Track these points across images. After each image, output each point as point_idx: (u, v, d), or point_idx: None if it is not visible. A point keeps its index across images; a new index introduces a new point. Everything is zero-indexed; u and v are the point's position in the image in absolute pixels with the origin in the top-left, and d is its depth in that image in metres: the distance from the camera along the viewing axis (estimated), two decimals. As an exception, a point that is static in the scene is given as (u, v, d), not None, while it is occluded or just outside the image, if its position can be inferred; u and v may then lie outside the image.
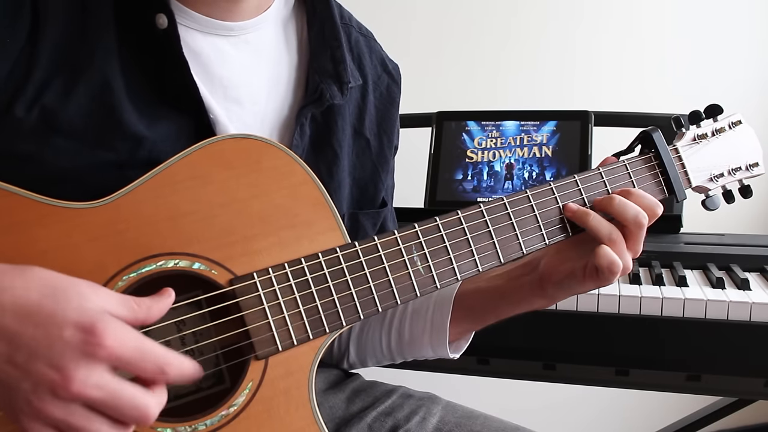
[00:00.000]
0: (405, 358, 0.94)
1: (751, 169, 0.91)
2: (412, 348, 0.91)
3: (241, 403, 0.66)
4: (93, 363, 0.52)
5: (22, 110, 0.66)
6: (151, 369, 0.55)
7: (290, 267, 0.68)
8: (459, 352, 0.91)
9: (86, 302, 0.54)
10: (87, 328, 0.52)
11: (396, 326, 0.91)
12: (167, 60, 0.73)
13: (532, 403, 1.94)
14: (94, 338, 0.52)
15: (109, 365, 0.53)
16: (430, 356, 0.91)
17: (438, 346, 0.88)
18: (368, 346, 0.94)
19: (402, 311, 0.90)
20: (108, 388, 0.53)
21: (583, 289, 0.81)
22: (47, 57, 0.68)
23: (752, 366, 1.07)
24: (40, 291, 0.53)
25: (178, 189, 0.67)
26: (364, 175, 0.91)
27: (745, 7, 1.96)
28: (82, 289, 0.55)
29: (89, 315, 0.53)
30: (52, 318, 0.52)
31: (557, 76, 2.00)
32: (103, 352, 0.52)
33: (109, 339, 0.52)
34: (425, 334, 0.88)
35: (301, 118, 0.81)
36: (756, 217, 1.97)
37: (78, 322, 0.52)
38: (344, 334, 0.96)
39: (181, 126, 0.73)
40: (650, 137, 0.86)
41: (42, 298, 0.53)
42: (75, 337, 0.52)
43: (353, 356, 0.97)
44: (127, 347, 0.53)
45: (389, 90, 0.95)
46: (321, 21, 0.85)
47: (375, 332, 0.93)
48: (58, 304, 0.53)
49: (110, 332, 0.52)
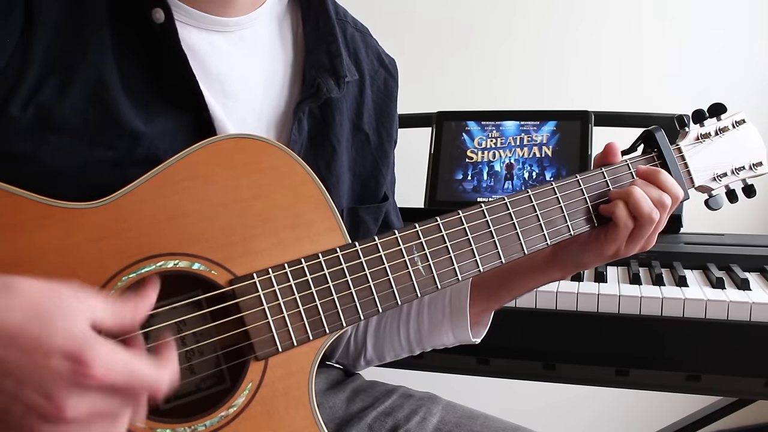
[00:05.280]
0: (424, 348, 0.94)
1: (755, 168, 0.91)
2: (432, 336, 0.91)
3: (240, 403, 0.66)
4: (84, 391, 0.51)
5: (18, 109, 0.66)
6: (141, 391, 0.54)
7: (290, 267, 0.68)
8: (479, 337, 0.91)
9: (71, 323, 0.51)
10: (74, 356, 0.50)
11: (414, 316, 0.91)
12: (165, 55, 0.72)
13: (532, 403, 1.94)
14: (83, 368, 0.50)
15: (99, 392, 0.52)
16: (451, 343, 0.91)
17: (459, 329, 0.89)
18: (386, 340, 0.94)
19: (418, 301, 0.91)
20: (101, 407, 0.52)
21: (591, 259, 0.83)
22: (41, 54, 0.67)
23: (752, 366, 1.07)
24: (23, 312, 0.51)
25: (178, 189, 0.66)
26: (365, 170, 0.91)
27: (745, 7, 1.96)
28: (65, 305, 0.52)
29: (76, 341, 0.50)
30: (38, 344, 0.50)
31: (557, 76, 2.00)
32: (92, 382, 0.50)
33: (98, 368, 0.50)
34: (445, 319, 0.89)
35: (299, 113, 0.80)
36: (756, 217, 1.97)
37: (64, 350, 0.50)
38: (360, 330, 0.96)
39: (179, 121, 0.73)
40: (653, 136, 0.86)
41: (25, 320, 0.50)
42: (63, 366, 0.50)
43: (371, 352, 0.96)
44: (117, 374, 0.51)
45: (386, 84, 0.95)
46: (316, 16, 0.85)
47: (393, 325, 0.93)
48: (42, 327, 0.50)
49: (99, 360, 0.50)
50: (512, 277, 0.87)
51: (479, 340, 0.91)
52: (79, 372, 0.50)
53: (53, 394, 0.50)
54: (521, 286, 0.88)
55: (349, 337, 0.96)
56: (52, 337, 0.50)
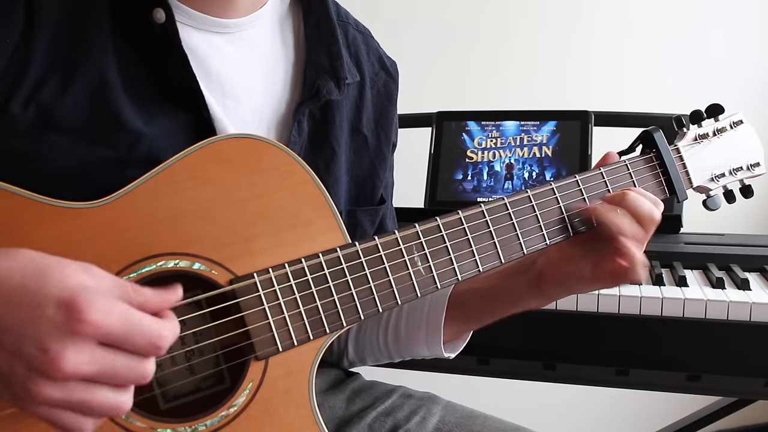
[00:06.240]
0: (402, 357, 0.94)
1: (752, 169, 0.91)
2: (408, 346, 0.90)
3: (241, 403, 0.66)
4: (79, 339, 0.50)
5: (19, 108, 0.66)
6: (142, 343, 0.52)
7: (290, 267, 0.68)
8: (455, 352, 0.90)
9: (69, 278, 0.51)
10: (68, 303, 0.49)
11: (393, 324, 0.91)
12: (165, 55, 0.72)
13: (532, 403, 1.94)
14: (76, 314, 0.49)
15: (96, 341, 0.51)
16: (426, 355, 0.90)
17: (433, 345, 0.88)
18: (366, 345, 0.94)
19: (399, 310, 0.90)
20: (101, 362, 0.51)
21: (588, 290, 0.80)
22: (42, 53, 0.67)
23: (752, 366, 1.07)
24: (23, 271, 0.51)
25: (178, 189, 0.66)
26: (362, 172, 0.91)
27: (744, 7, 1.96)
28: (68, 267, 0.52)
29: (70, 289, 0.50)
30: (34, 297, 0.50)
31: (557, 76, 2.00)
32: (87, 328, 0.49)
33: (93, 313, 0.49)
34: (421, 332, 0.88)
35: (299, 114, 0.81)
36: (756, 217, 1.97)
37: (59, 298, 0.50)
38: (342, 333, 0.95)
39: (180, 122, 0.73)
40: (651, 137, 0.86)
41: (24, 278, 0.51)
42: (58, 314, 0.49)
43: (352, 354, 0.97)
44: (113, 321, 0.51)
45: (387, 87, 0.94)
46: (317, 18, 0.86)
47: (372, 330, 0.93)
48: (41, 282, 0.50)
49: (93, 306, 0.50)
50: (493, 304, 0.84)
51: (453, 356, 0.89)
52: (73, 317, 0.49)
53: (49, 346, 0.49)
54: (501, 312, 0.85)
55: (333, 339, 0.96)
56: (47, 288, 0.50)
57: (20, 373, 0.50)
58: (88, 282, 0.52)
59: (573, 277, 0.78)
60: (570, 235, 0.80)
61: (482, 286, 0.85)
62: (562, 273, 0.79)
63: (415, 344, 0.89)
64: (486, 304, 0.85)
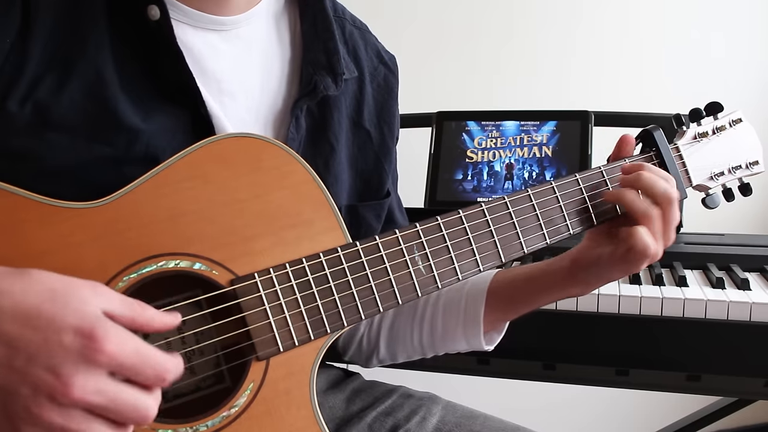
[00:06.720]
0: (437, 352, 0.94)
1: (751, 167, 0.91)
2: (445, 341, 0.90)
3: (242, 403, 0.66)
4: (92, 368, 0.52)
5: (15, 105, 0.66)
6: (150, 375, 0.54)
7: (291, 267, 0.68)
8: (493, 344, 0.90)
9: (86, 306, 0.53)
10: (86, 333, 0.51)
11: (428, 320, 0.90)
12: (161, 52, 0.72)
13: (532, 403, 1.94)
14: (93, 343, 0.51)
15: (108, 371, 0.53)
16: (464, 349, 0.91)
17: (472, 337, 0.88)
18: (399, 342, 0.94)
19: (434, 305, 0.90)
20: (108, 394, 0.52)
21: (612, 276, 0.80)
22: (39, 51, 0.67)
23: (752, 366, 1.07)
24: (39, 295, 0.53)
25: (178, 189, 0.66)
26: (368, 167, 0.91)
27: (744, 8, 1.96)
28: (82, 292, 0.54)
29: (89, 320, 0.52)
30: (52, 322, 0.52)
31: (557, 76, 2.00)
32: (102, 358, 0.52)
33: (109, 344, 0.52)
34: (459, 326, 0.88)
35: (296, 110, 0.81)
36: (756, 217, 1.97)
37: (77, 327, 0.52)
38: (374, 329, 0.95)
39: (177, 119, 0.73)
40: (651, 135, 0.86)
41: (42, 302, 0.52)
42: (75, 342, 0.51)
43: (383, 352, 0.95)
44: (127, 353, 0.53)
45: (386, 81, 0.95)
46: (313, 14, 0.86)
47: (406, 327, 0.92)
48: (57, 308, 0.52)
49: (110, 338, 0.52)
50: (531, 291, 0.86)
51: (492, 347, 0.90)
52: (90, 347, 0.51)
53: (61, 370, 0.51)
54: (539, 300, 0.86)
55: (362, 335, 0.96)
56: (65, 316, 0.52)
57: (25, 395, 0.51)
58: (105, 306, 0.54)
59: (597, 263, 0.80)
60: (571, 234, 0.80)
61: (521, 275, 0.86)
62: (589, 258, 0.80)
63: (453, 338, 0.89)
64: (524, 293, 0.86)
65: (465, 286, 0.88)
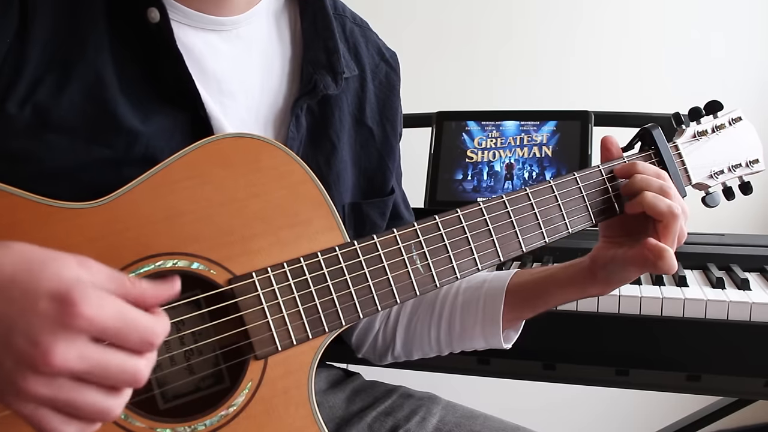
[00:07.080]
0: (453, 350, 0.94)
1: (751, 165, 0.91)
2: (462, 339, 0.91)
3: (240, 403, 0.66)
4: (71, 334, 0.48)
5: (15, 107, 0.66)
6: (136, 340, 0.51)
7: (289, 266, 0.68)
8: (510, 342, 0.91)
9: (63, 271, 0.50)
10: (62, 297, 0.48)
11: (446, 318, 0.90)
12: (161, 54, 0.72)
13: (532, 403, 1.94)
14: (70, 308, 0.48)
15: (89, 336, 0.49)
16: (481, 347, 0.91)
17: (491, 336, 0.88)
18: (416, 340, 0.93)
19: (452, 304, 0.90)
20: (92, 358, 0.49)
21: (628, 275, 0.80)
22: (38, 53, 0.67)
23: (752, 366, 1.07)
24: (14, 265, 0.50)
25: (176, 188, 0.66)
26: (371, 165, 0.91)
27: (744, 8, 1.96)
28: (63, 260, 0.51)
29: (65, 283, 0.49)
30: (26, 291, 0.49)
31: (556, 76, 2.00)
32: (81, 322, 0.48)
33: (87, 308, 0.48)
34: (477, 325, 0.88)
35: (296, 109, 0.80)
36: (756, 217, 1.97)
37: (52, 292, 0.48)
38: (390, 326, 0.95)
39: (177, 121, 0.73)
40: (650, 134, 0.86)
41: (16, 272, 0.49)
42: (50, 308, 0.48)
43: (399, 349, 0.95)
44: (108, 316, 0.49)
45: (388, 78, 0.94)
46: (313, 12, 0.85)
47: (424, 325, 0.92)
48: (33, 275, 0.49)
49: (88, 300, 0.48)
50: (550, 289, 0.86)
51: (510, 345, 0.90)
52: (66, 312, 0.48)
53: (39, 338, 0.48)
54: (557, 299, 0.86)
55: (378, 332, 0.95)
56: (40, 281, 0.49)
57: (8, 367, 0.48)
58: (84, 275, 0.51)
59: (613, 262, 0.80)
60: (570, 233, 0.80)
61: (542, 274, 0.87)
62: (606, 257, 0.80)
63: (471, 337, 0.90)
64: (542, 292, 0.86)
65: (483, 285, 0.89)
